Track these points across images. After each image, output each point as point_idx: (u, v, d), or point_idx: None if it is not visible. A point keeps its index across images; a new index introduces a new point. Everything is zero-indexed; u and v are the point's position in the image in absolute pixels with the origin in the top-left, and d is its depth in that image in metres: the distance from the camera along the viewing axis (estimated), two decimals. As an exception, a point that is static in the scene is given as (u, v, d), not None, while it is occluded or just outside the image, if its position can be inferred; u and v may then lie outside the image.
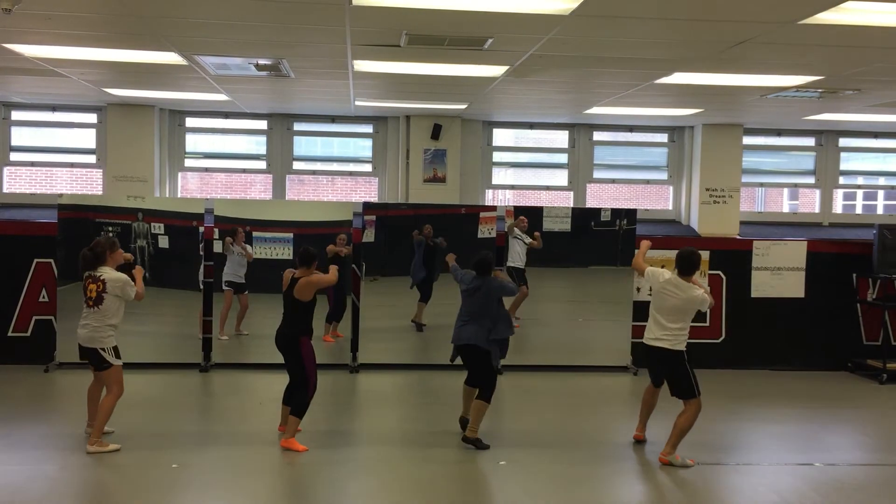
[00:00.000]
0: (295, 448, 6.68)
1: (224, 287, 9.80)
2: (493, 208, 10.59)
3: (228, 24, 7.32)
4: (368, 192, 14.70)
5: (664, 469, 6.63)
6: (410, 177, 13.77)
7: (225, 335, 9.89)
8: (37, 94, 12.73)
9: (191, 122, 14.23)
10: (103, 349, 6.60)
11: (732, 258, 10.47)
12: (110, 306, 6.58)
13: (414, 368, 9.85)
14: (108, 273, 6.63)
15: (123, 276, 6.67)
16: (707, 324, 10.43)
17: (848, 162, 15.37)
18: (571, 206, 14.09)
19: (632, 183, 15.36)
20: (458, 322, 7.15)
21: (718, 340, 10.47)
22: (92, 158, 14.01)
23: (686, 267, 6.85)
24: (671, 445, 6.71)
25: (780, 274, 10.47)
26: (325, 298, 9.64)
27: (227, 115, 14.07)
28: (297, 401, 6.78)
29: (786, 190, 17.04)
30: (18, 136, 14.04)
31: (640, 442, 7.23)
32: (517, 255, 10.17)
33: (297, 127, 14.35)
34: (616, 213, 10.53)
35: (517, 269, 10.15)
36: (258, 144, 14.54)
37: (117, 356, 6.69)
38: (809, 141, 15.12)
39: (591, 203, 14.61)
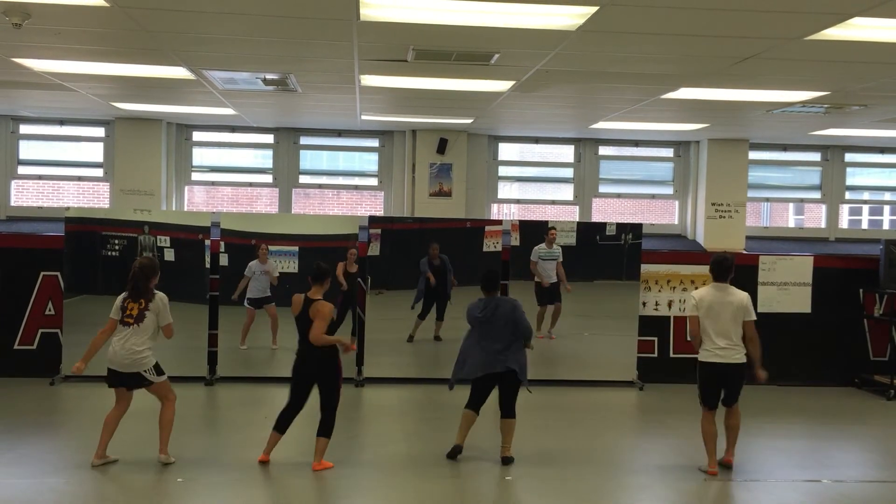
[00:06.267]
0: (327, 466, 6.56)
1: (245, 305, 9.86)
2: (499, 222, 10.60)
3: (236, 39, 7.36)
4: (374, 205, 14.72)
5: (669, 485, 6.60)
6: (416, 191, 13.80)
7: (245, 345, 9.91)
8: (45, 108, 12.80)
9: (198, 135, 14.30)
10: (145, 371, 6.56)
11: (738, 273, 10.32)
12: (150, 325, 6.53)
13: (420, 382, 9.83)
14: (152, 294, 6.60)
15: (165, 296, 6.65)
16: (713, 339, 10.39)
17: (854, 177, 15.36)
18: (577, 220, 14.08)
19: (637, 197, 15.36)
20: (484, 349, 6.87)
21: (725, 355, 10.42)
22: (99, 172, 14.08)
23: (719, 272, 6.83)
24: (734, 447, 6.97)
25: (786, 289, 10.45)
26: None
27: (233, 129, 14.14)
28: (327, 422, 6.57)
29: (791, 205, 17.03)
30: (26, 150, 14.12)
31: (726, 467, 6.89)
32: (544, 270, 10.19)
33: (304, 141, 14.41)
34: (621, 227, 10.52)
35: (541, 287, 10.18)
36: (264, 158, 14.60)
37: (160, 373, 6.64)
38: (815, 156, 15.12)
39: (596, 217, 14.61)
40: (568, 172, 14.85)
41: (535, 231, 10.40)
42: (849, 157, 15.11)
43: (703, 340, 6.78)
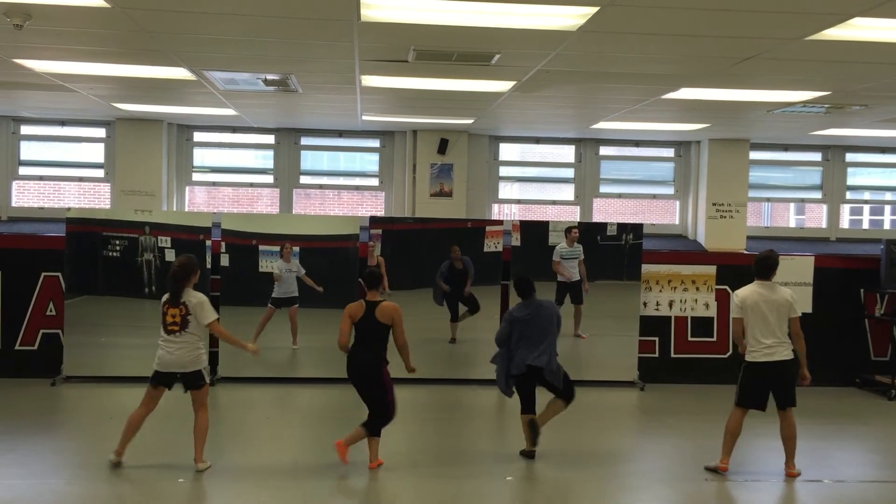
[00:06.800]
0: (379, 463, 6.66)
1: (269, 305, 9.92)
2: (500, 222, 10.60)
3: (237, 40, 7.37)
4: (375, 206, 14.73)
5: (670, 485, 6.61)
6: (417, 191, 13.80)
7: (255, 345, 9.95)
8: (46, 109, 12.81)
9: (198, 136, 14.30)
10: (204, 369, 6.56)
11: (739, 273, 10.37)
12: (195, 328, 6.48)
13: (422, 383, 9.79)
14: (188, 295, 6.50)
15: (202, 295, 6.55)
16: (714, 339, 10.41)
17: (855, 177, 15.35)
18: (578, 220, 14.08)
19: (638, 197, 15.34)
20: (526, 351, 6.97)
21: (725, 356, 10.43)
22: (100, 172, 14.08)
23: (763, 270, 6.79)
24: (793, 458, 6.78)
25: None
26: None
27: (234, 130, 14.14)
28: (376, 424, 6.66)
29: (792, 205, 17.03)
30: (27, 151, 14.11)
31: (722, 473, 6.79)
32: (565, 269, 10.21)
33: (305, 141, 14.41)
34: (622, 227, 10.52)
35: (565, 284, 10.18)
36: (265, 159, 14.60)
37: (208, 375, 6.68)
38: (816, 156, 15.11)
39: (597, 217, 14.60)
40: (569, 172, 14.84)
41: (536, 231, 10.40)
42: (849, 157, 15.10)
43: (749, 341, 6.70)
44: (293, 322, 9.89)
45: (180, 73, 8.83)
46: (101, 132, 13.96)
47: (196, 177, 14.45)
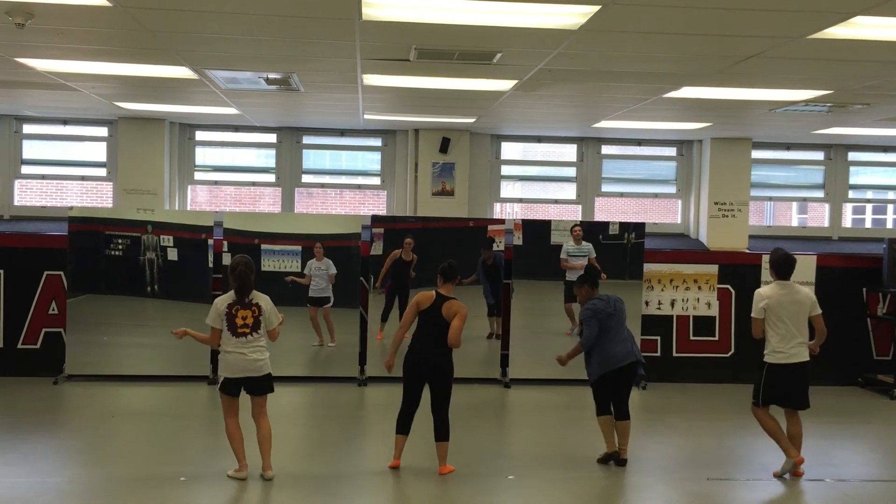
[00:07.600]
0: (450, 470, 6.54)
1: (308, 305, 9.93)
2: (502, 221, 10.59)
3: (239, 39, 7.37)
4: (377, 205, 14.74)
5: (672, 484, 6.60)
6: (419, 190, 13.81)
7: (320, 342, 10.01)
8: (48, 108, 12.83)
9: (200, 135, 14.32)
10: (270, 372, 6.42)
11: (741, 272, 10.43)
12: (264, 331, 6.34)
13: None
14: (257, 296, 6.34)
15: (267, 296, 6.38)
16: (716, 338, 10.40)
17: (857, 176, 15.35)
18: (580, 219, 14.08)
19: (640, 196, 15.35)
20: (611, 345, 6.98)
21: (727, 355, 10.42)
22: (102, 171, 14.12)
23: (784, 270, 6.77)
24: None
25: (789, 288, 10.42)
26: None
27: (236, 129, 14.16)
28: (443, 424, 6.50)
29: (795, 204, 17.01)
30: (30, 150, 14.15)
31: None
32: (573, 266, 10.20)
33: (306, 140, 14.42)
34: (624, 226, 10.51)
35: (573, 283, 10.18)
36: (267, 158, 14.61)
37: None
38: (818, 155, 15.11)
39: (599, 216, 14.61)
40: (571, 172, 14.85)
41: (538, 230, 10.39)
42: (852, 155, 15.09)
43: (771, 341, 6.69)
44: (329, 324, 9.92)
45: (182, 71, 8.84)
46: (103, 131, 13.99)
47: (198, 176, 14.47)
